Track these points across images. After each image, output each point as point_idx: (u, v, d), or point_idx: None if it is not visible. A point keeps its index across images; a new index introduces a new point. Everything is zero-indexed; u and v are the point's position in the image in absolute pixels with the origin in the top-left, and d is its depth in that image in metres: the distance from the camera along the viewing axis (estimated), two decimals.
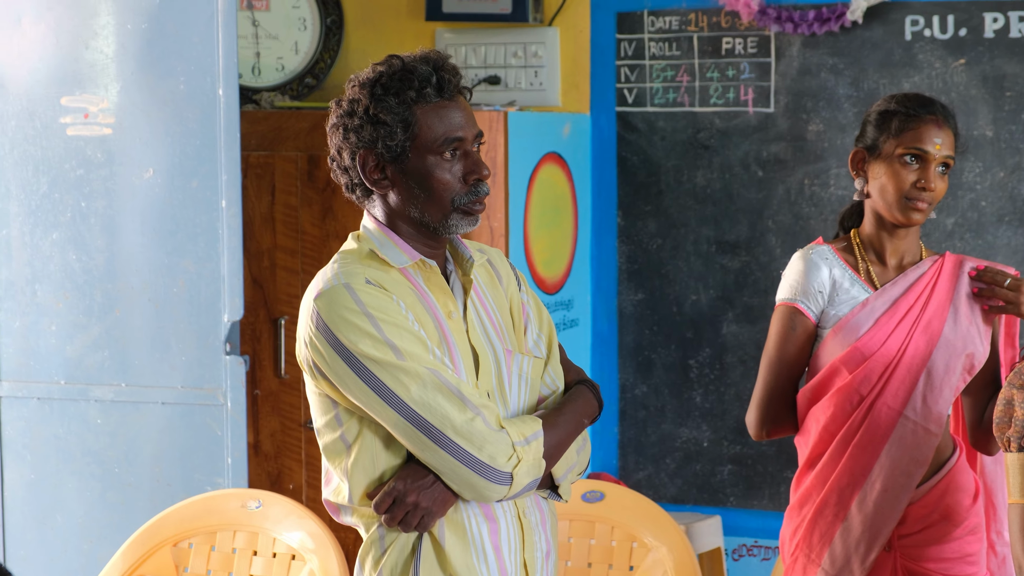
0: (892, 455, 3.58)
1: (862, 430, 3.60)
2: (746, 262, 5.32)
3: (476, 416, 2.78)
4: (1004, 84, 5.04)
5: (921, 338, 3.58)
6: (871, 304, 3.60)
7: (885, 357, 3.58)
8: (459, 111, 2.87)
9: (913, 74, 5.12)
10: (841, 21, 5.16)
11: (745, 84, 5.33)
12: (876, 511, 3.59)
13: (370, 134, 2.83)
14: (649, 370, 5.47)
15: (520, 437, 2.82)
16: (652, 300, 5.45)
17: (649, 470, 5.47)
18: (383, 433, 2.84)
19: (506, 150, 5.01)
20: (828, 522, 3.64)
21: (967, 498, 3.64)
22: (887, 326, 3.59)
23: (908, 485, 3.58)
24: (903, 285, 3.61)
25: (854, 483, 3.60)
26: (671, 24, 5.40)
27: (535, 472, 2.85)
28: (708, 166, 5.37)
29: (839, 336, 3.62)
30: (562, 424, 2.92)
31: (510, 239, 5.03)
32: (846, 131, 5.18)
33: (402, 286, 2.84)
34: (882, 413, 3.58)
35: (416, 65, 2.86)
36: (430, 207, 2.85)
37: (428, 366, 2.77)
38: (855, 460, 3.60)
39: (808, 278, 3.65)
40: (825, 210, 5.21)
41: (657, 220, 5.43)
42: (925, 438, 3.58)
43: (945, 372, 3.57)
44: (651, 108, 5.43)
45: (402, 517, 2.81)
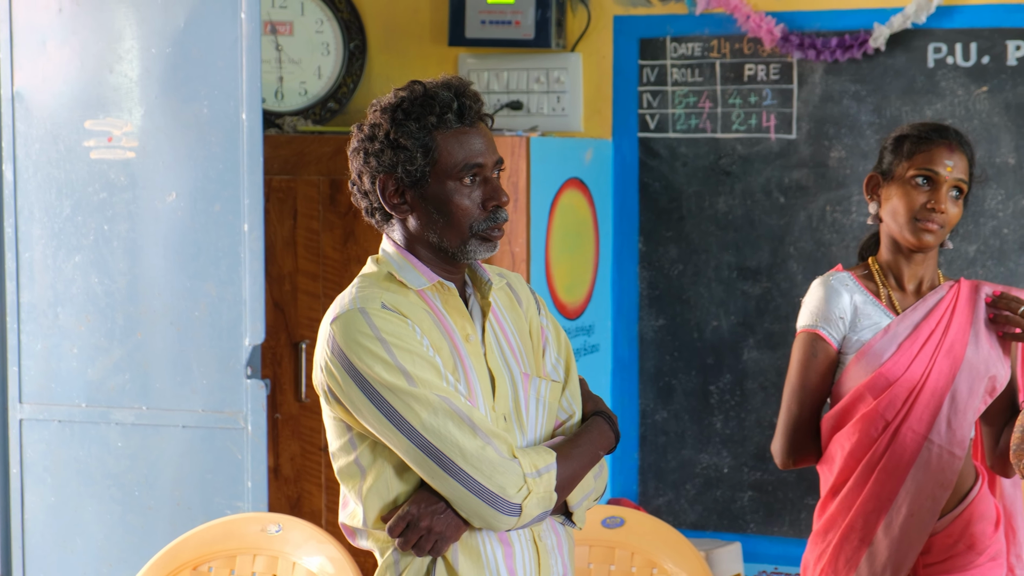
0: (918, 479, 3.57)
1: (887, 455, 3.59)
2: (767, 288, 5.32)
3: (487, 445, 2.78)
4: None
5: (944, 362, 3.58)
6: (893, 329, 3.60)
7: (909, 382, 3.58)
8: (480, 137, 2.87)
9: (935, 101, 5.12)
10: (864, 48, 5.16)
11: (767, 110, 5.33)
12: (903, 536, 3.58)
13: (390, 159, 2.84)
14: (670, 396, 5.46)
15: (532, 468, 2.81)
16: (673, 326, 5.45)
17: (669, 496, 5.46)
18: (397, 458, 2.84)
19: (528, 175, 5.01)
20: (854, 547, 3.63)
21: (990, 526, 3.63)
22: (910, 351, 3.59)
23: (934, 509, 3.57)
24: (923, 310, 3.62)
25: (880, 508, 3.60)
26: (694, 50, 5.41)
27: (545, 504, 2.84)
28: (730, 192, 5.37)
29: (862, 362, 3.61)
30: (576, 456, 2.92)
31: (532, 264, 5.03)
32: (868, 158, 5.17)
33: (419, 309, 2.84)
34: (907, 438, 3.58)
35: (437, 91, 2.86)
36: (449, 232, 2.85)
37: (440, 393, 2.77)
38: (881, 485, 3.60)
39: (829, 304, 3.65)
40: (847, 237, 5.20)
41: (678, 246, 5.43)
42: (950, 462, 3.57)
43: (969, 395, 3.58)
44: (673, 134, 5.44)
45: (416, 541, 2.81)
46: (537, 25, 5.45)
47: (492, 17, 5.49)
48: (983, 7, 5.06)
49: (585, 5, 5.49)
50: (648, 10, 5.43)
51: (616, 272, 5.51)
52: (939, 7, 5.08)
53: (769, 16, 5.24)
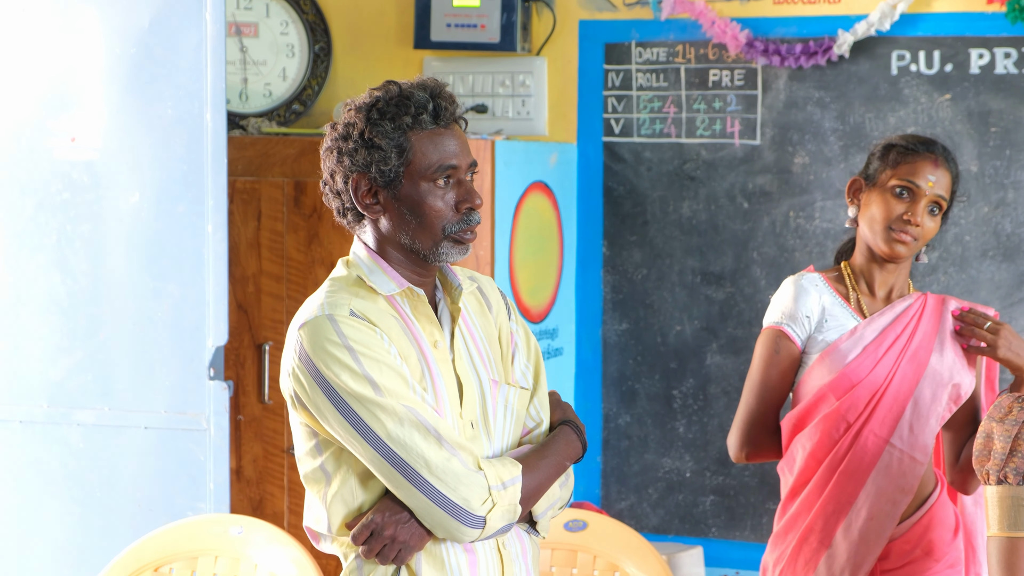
0: (878, 483, 3.59)
1: (848, 457, 3.61)
2: (731, 293, 5.33)
3: (452, 456, 2.76)
4: (989, 120, 5.06)
5: (908, 367, 3.60)
6: (860, 332, 3.62)
7: (873, 384, 3.60)
8: (454, 139, 2.86)
9: (899, 108, 5.14)
10: (828, 55, 5.18)
11: (732, 116, 5.34)
12: (861, 539, 3.60)
13: (364, 158, 2.83)
14: (633, 400, 5.47)
15: (497, 481, 2.80)
16: (636, 330, 5.46)
17: (632, 500, 5.46)
18: (363, 465, 2.82)
19: (493, 179, 5.01)
20: (813, 549, 3.65)
21: (949, 533, 3.65)
22: (875, 353, 3.61)
23: (894, 513, 3.59)
24: (891, 315, 3.64)
25: (840, 510, 3.61)
26: (659, 55, 5.42)
27: (510, 516, 2.83)
28: (694, 197, 5.38)
29: (827, 362, 3.63)
30: (543, 467, 2.91)
31: (496, 267, 5.03)
32: (831, 164, 5.19)
33: (388, 316, 2.83)
34: (869, 441, 3.59)
35: (413, 91, 2.86)
36: (421, 234, 2.85)
37: (406, 403, 2.76)
38: (841, 488, 3.61)
39: (797, 303, 3.67)
40: (810, 242, 5.22)
41: (642, 250, 5.44)
42: (911, 467, 3.59)
43: (932, 401, 3.59)
44: (638, 139, 5.44)
45: (379, 550, 2.80)
46: (502, 29, 5.45)
47: (458, 20, 5.49)
48: (946, 15, 5.09)
49: (551, 9, 5.49)
50: (613, 15, 5.44)
51: (580, 276, 5.51)
52: (903, 15, 5.10)
53: (734, 22, 5.26)
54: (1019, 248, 5.03)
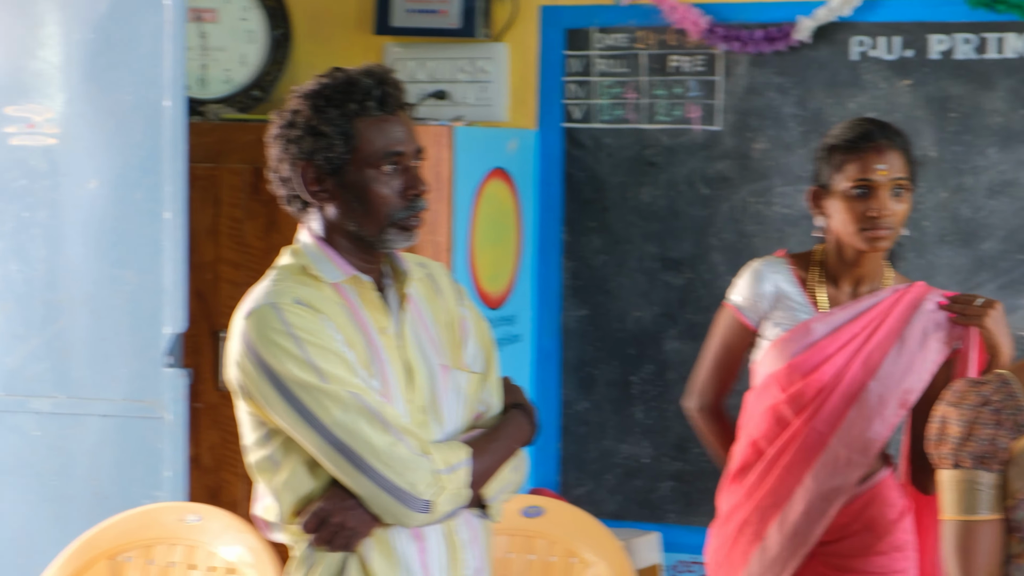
0: (816, 479, 3.58)
1: (790, 451, 3.61)
2: (690, 279, 5.33)
3: (398, 441, 2.76)
4: (948, 105, 5.07)
5: (859, 367, 3.57)
6: (813, 325, 3.61)
7: (819, 381, 3.58)
8: (400, 126, 2.86)
9: (858, 94, 5.15)
10: (788, 41, 5.18)
11: (692, 102, 5.35)
12: (794, 534, 3.60)
13: (310, 146, 2.83)
14: (591, 386, 5.47)
15: (445, 464, 2.80)
16: (596, 316, 5.46)
17: (590, 486, 5.47)
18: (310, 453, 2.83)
19: (452, 165, 5.00)
20: (747, 541, 3.66)
21: (892, 512, 3.64)
22: (826, 350, 3.59)
23: (828, 512, 3.58)
24: (852, 312, 3.60)
25: (776, 504, 3.61)
26: (619, 41, 5.41)
27: (458, 500, 2.83)
28: (654, 183, 5.38)
29: (777, 351, 3.63)
30: (493, 451, 2.91)
31: (455, 254, 5.02)
32: (791, 150, 5.20)
33: (333, 304, 2.82)
34: (811, 437, 3.59)
35: (359, 78, 2.85)
36: (367, 221, 2.84)
37: (352, 389, 2.76)
38: (780, 481, 3.62)
39: (752, 287, 3.68)
40: (769, 228, 5.23)
41: (602, 236, 5.44)
42: (851, 467, 3.58)
43: (878, 404, 3.57)
44: (598, 125, 5.44)
45: (328, 537, 2.80)
46: (463, 14, 5.45)
47: (418, 6, 5.48)
48: (906, 1, 5.09)
49: None
50: (574, 0, 5.44)
51: (540, 262, 5.51)
52: (864, 1, 5.10)
53: (695, 8, 5.26)
54: (977, 233, 5.04)
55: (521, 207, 5.45)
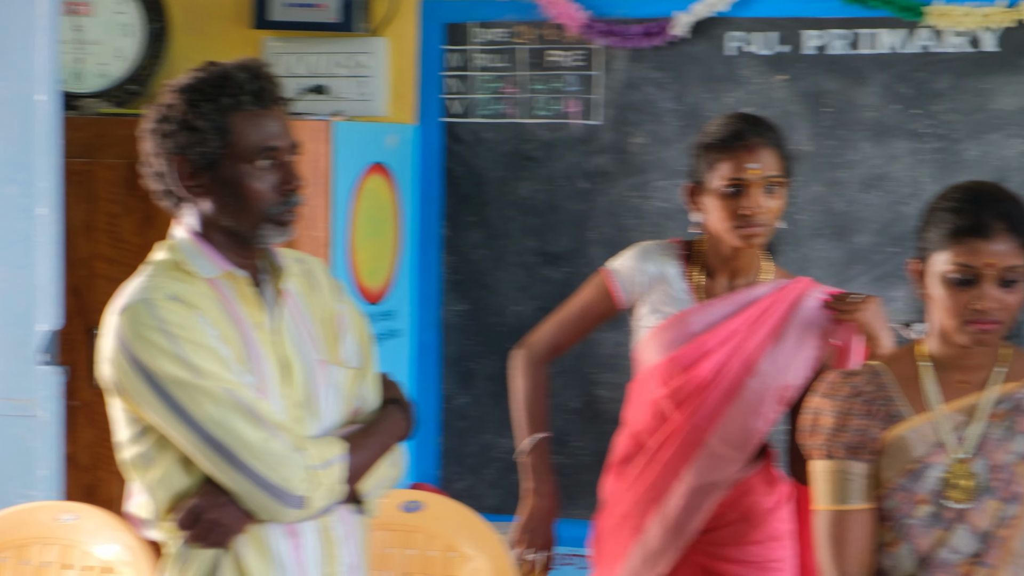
0: (695, 474, 3.60)
1: (670, 446, 3.62)
2: (569, 273, 5.35)
3: (272, 437, 2.75)
4: (822, 100, 5.13)
5: (739, 364, 3.59)
6: (691, 316, 3.62)
7: (699, 377, 3.60)
8: (275, 120, 2.84)
9: (735, 89, 5.19)
10: (665, 36, 5.21)
11: (570, 97, 5.36)
12: (674, 527, 3.62)
13: (184, 140, 2.80)
14: (471, 380, 5.47)
15: (319, 460, 2.79)
16: (475, 311, 5.46)
17: (470, 480, 5.47)
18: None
19: (331, 160, 4.99)
20: (628, 533, 3.68)
21: (768, 502, 3.68)
22: (706, 345, 3.60)
23: (704, 505, 3.60)
24: (732, 306, 3.61)
25: (656, 498, 3.63)
26: (498, 36, 5.42)
27: (333, 496, 2.82)
28: (533, 178, 5.39)
29: (656, 342, 3.64)
30: (369, 446, 2.91)
31: (334, 249, 5.00)
32: (669, 144, 5.23)
33: (208, 299, 2.80)
34: (690, 433, 3.60)
35: (233, 72, 2.84)
36: (242, 217, 2.82)
37: (225, 385, 2.74)
38: (661, 475, 3.63)
39: (635, 261, 3.69)
40: (647, 222, 5.25)
41: (482, 231, 5.45)
42: (727, 462, 3.60)
43: (757, 400, 3.59)
44: (477, 119, 5.45)
45: (202, 534, 2.78)
46: (342, 9, 5.42)
47: (297, 0, 5.45)
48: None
49: None
50: None
51: (419, 257, 5.50)
52: None
53: (573, 3, 5.27)
54: (851, 227, 5.10)
55: (401, 202, 5.44)
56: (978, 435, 2.89)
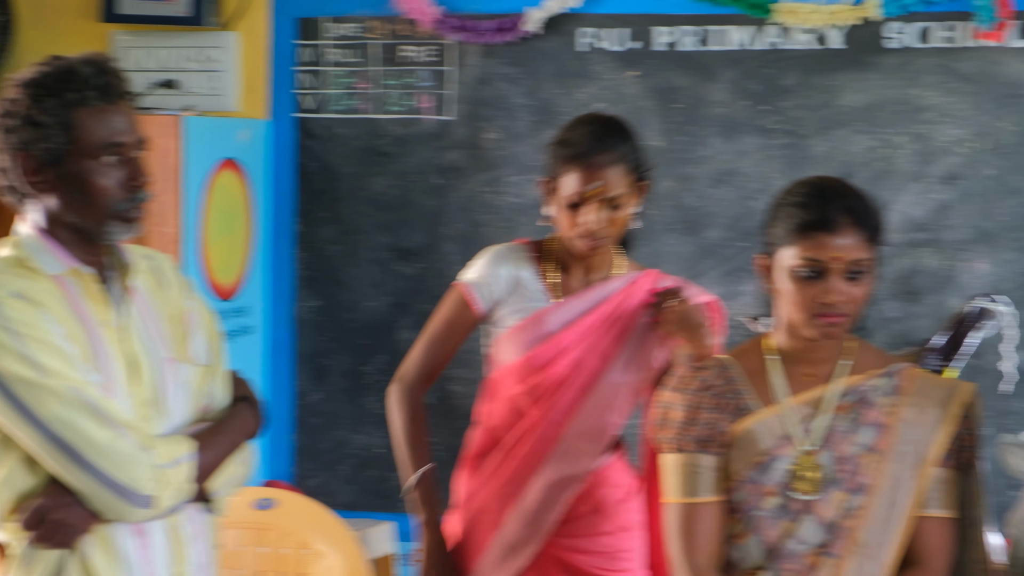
0: (552, 468, 3.62)
1: (527, 441, 3.63)
2: (422, 269, 5.35)
3: (119, 436, 2.71)
4: (673, 96, 5.17)
5: (595, 360, 3.60)
6: (548, 315, 3.63)
7: (556, 374, 3.61)
8: (121, 116, 2.81)
9: (587, 85, 5.22)
10: (518, 32, 5.23)
11: (424, 92, 5.36)
12: (531, 521, 3.63)
13: (28, 135, 2.76)
14: (325, 377, 5.46)
15: (167, 459, 2.77)
16: (329, 307, 5.45)
17: (324, 477, 5.46)
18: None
19: (181, 155, 4.94)
20: (486, 528, 3.68)
21: (618, 493, 3.70)
22: (562, 343, 3.61)
23: (561, 498, 3.62)
24: (586, 303, 3.62)
25: (514, 492, 3.64)
26: (350, 31, 5.40)
27: (181, 495, 2.79)
28: (386, 173, 5.39)
29: (512, 341, 3.65)
30: (218, 444, 2.88)
31: (185, 245, 4.96)
32: (522, 140, 5.25)
33: (53, 297, 2.76)
34: (546, 428, 3.61)
35: (78, 66, 2.80)
36: (88, 213, 2.79)
37: (71, 384, 2.70)
38: (518, 470, 3.64)
39: (487, 269, 3.67)
40: (500, 218, 5.27)
41: (335, 227, 5.43)
42: (582, 457, 3.62)
43: (613, 395, 3.61)
44: (330, 115, 5.43)
45: (47, 535, 2.74)
46: (192, 3, 5.38)
47: None
48: None
49: None
50: None
51: (272, 253, 5.47)
52: None
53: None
54: (701, 222, 5.15)
55: (253, 197, 5.41)
56: (824, 427, 2.93)
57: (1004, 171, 4.98)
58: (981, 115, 4.98)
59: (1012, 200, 4.97)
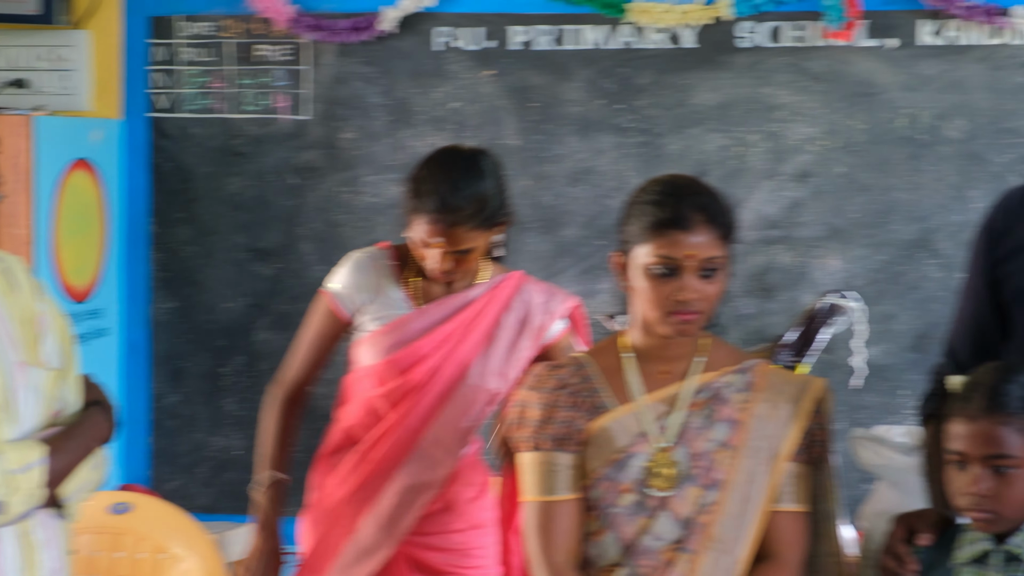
0: (407, 473, 3.62)
1: (383, 445, 3.63)
2: (279, 269, 5.33)
3: None
4: (529, 95, 5.19)
5: (454, 366, 3.61)
6: (408, 322, 3.63)
7: (415, 379, 3.61)
8: None
9: (443, 84, 5.23)
10: (373, 31, 5.22)
11: (279, 91, 5.34)
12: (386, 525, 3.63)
13: None
14: (181, 379, 5.41)
15: (18, 464, 2.73)
16: (185, 308, 5.40)
17: (182, 480, 5.41)
18: None
19: (31, 156, 4.88)
20: (340, 532, 3.67)
21: (470, 492, 3.71)
22: (421, 350, 3.61)
23: (417, 504, 3.62)
24: (447, 310, 3.62)
25: (369, 497, 3.64)
26: (204, 30, 5.37)
27: (32, 501, 2.76)
28: (242, 173, 5.36)
29: (373, 345, 3.64)
30: (70, 449, 2.85)
31: (37, 247, 4.90)
32: (378, 139, 5.24)
33: None
34: (402, 433, 3.62)
35: None
36: None
37: None
38: (371, 474, 3.64)
39: (350, 278, 3.67)
40: (358, 217, 5.26)
41: (191, 227, 5.39)
42: (438, 464, 3.62)
43: (467, 405, 3.62)
44: (185, 114, 5.39)
45: None
46: (43, 1, 5.31)
47: None
48: None
49: None
50: None
51: (127, 254, 5.42)
52: None
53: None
54: (558, 220, 5.18)
55: (106, 198, 5.35)
56: (679, 424, 2.96)
57: (854, 169, 5.06)
58: (832, 113, 5.06)
59: (862, 197, 5.06)
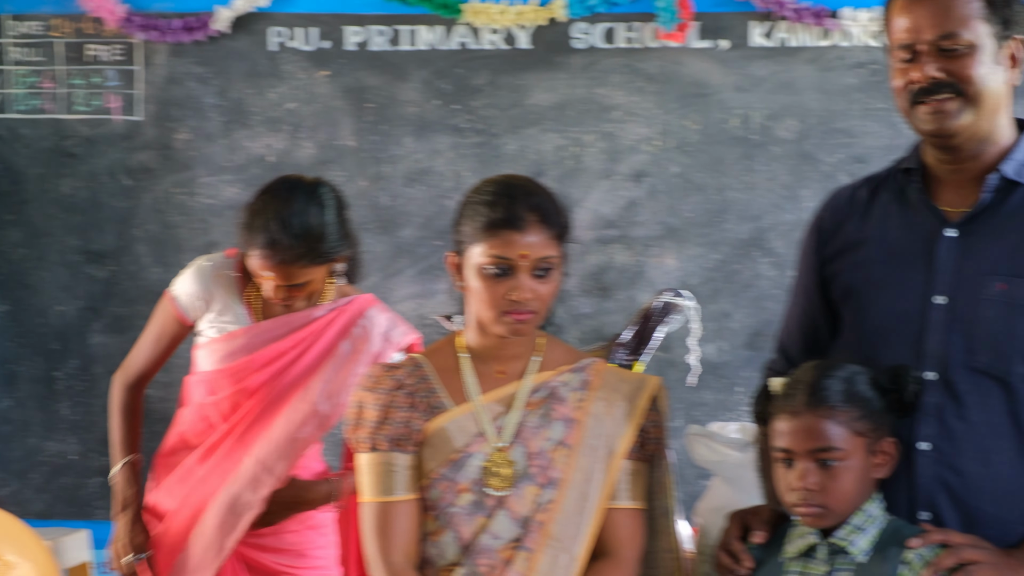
0: (230, 494, 3.60)
1: (210, 456, 3.62)
2: (114, 271, 5.28)
3: None
4: (365, 96, 5.19)
5: (284, 384, 3.60)
6: (243, 338, 3.61)
7: (246, 392, 3.61)
8: None
9: (278, 85, 5.21)
10: (207, 31, 5.19)
11: (111, 92, 5.29)
12: (212, 544, 3.60)
13: None
14: (14, 383, 5.34)
15: None
16: (17, 311, 5.33)
17: (15, 485, 5.34)
18: None
19: None
20: (166, 553, 3.65)
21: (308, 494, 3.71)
22: (255, 364, 3.60)
23: (240, 526, 3.60)
24: (284, 328, 3.62)
25: (195, 514, 3.61)
26: (33, 29, 5.30)
27: None
28: (74, 174, 5.30)
29: (209, 354, 3.63)
30: None
31: None
32: (213, 140, 5.21)
33: None
34: (233, 445, 3.61)
35: None
36: None
37: None
38: (195, 490, 3.63)
39: (193, 285, 3.66)
40: (193, 219, 5.22)
41: (21, 229, 5.32)
42: (258, 487, 3.60)
43: (296, 425, 3.61)
44: (13, 115, 5.31)
45: None
46: None
47: None
48: None
49: None
50: None
51: None
52: None
53: None
54: (395, 221, 5.19)
55: None
56: (515, 423, 2.97)
57: (688, 169, 5.12)
58: (665, 114, 5.12)
59: (697, 197, 5.12)
